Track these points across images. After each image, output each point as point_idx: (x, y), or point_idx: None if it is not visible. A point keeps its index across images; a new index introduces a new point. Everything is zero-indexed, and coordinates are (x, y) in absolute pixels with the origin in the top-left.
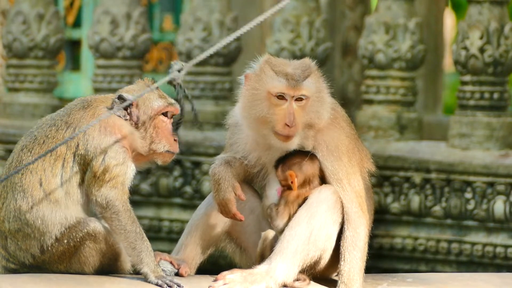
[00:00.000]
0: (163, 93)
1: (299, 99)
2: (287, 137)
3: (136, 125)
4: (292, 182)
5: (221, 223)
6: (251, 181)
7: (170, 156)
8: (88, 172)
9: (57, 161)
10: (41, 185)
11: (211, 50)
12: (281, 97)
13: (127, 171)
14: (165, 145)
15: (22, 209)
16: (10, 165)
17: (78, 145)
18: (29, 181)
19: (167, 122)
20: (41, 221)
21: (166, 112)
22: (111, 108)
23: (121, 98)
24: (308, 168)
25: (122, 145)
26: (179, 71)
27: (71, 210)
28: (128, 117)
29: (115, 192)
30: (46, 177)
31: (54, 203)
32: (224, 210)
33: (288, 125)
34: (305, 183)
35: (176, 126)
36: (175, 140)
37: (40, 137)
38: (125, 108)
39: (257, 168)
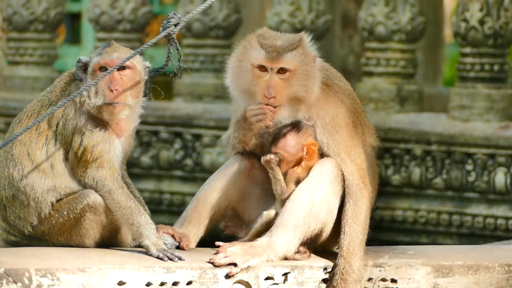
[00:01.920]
0: (109, 49)
1: (281, 71)
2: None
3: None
4: (307, 153)
5: (226, 198)
6: (263, 154)
7: (113, 108)
8: (70, 152)
9: (41, 137)
10: (29, 155)
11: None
12: (263, 69)
13: (110, 149)
14: (100, 98)
15: (14, 177)
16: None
17: (58, 124)
18: (19, 151)
19: (105, 76)
20: (31, 187)
21: (105, 67)
22: (78, 78)
23: (78, 62)
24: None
25: (98, 123)
26: (175, 25)
27: (60, 179)
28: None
29: (103, 172)
30: (32, 150)
31: (42, 172)
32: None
33: (266, 97)
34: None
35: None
36: (111, 90)
37: (29, 110)
38: (85, 72)
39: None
